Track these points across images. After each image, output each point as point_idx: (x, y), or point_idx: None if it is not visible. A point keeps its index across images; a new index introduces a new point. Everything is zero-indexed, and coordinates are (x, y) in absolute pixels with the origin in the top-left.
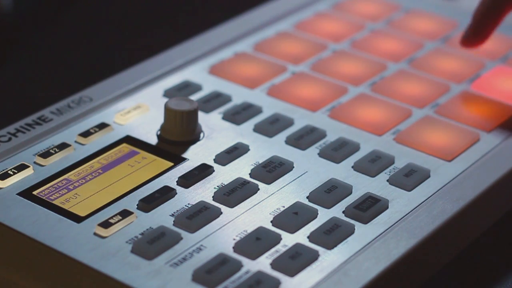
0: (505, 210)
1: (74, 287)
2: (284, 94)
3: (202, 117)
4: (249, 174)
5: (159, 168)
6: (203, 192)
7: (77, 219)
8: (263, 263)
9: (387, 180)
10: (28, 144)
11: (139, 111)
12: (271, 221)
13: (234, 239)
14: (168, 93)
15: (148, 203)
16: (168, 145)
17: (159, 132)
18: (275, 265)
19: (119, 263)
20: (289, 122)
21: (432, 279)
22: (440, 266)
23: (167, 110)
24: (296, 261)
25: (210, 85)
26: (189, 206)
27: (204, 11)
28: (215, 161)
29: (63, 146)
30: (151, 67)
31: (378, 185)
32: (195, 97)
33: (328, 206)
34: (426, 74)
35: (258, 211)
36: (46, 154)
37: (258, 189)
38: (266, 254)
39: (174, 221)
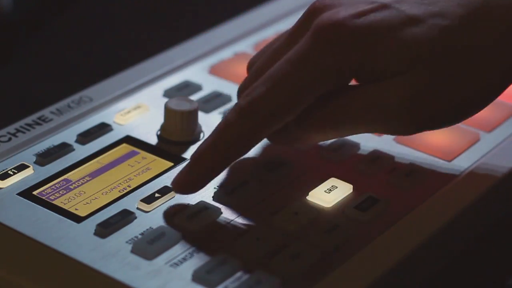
0: (506, 209)
1: (74, 287)
2: None
3: (202, 117)
4: (249, 174)
5: (159, 168)
6: (203, 192)
7: (77, 219)
8: (263, 263)
9: (387, 180)
10: (28, 144)
11: (139, 111)
12: (271, 221)
13: (234, 239)
14: (168, 93)
15: (148, 203)
16: (168, 145)
17: (159, 132)
18: (275, 265)
19: (119, 263)
20: None
21: (432, 279)
22: (441, 266)
23: (167, 110)
24: (296, 261)
25: (210, 85)
26: (189, 206)
27: (204, 11)
28: None
29: (63, 146)
30: (151, 67)
31: (378, 185)
32: (195, 97)
33: (328, 205)
34: None
35: (258, 211)
36: (46, 154)
37: (258, 189)
38: (266, 254)
39: (174, 221)
